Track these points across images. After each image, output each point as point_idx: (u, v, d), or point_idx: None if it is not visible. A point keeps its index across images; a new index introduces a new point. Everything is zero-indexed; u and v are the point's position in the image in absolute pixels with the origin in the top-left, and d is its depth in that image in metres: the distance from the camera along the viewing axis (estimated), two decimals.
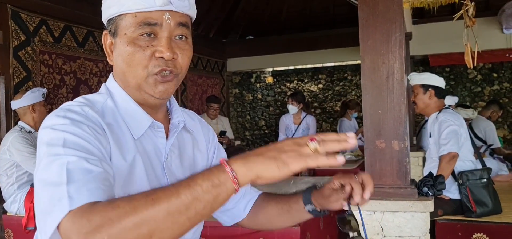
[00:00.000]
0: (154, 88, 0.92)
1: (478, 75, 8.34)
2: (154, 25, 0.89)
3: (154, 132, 0.98)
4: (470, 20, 2.94)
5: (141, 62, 0.90)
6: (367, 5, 2.45)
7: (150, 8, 0.88)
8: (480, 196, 3.09)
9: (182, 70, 0.95)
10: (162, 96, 0.94)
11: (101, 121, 0.88)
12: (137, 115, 0.95)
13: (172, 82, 0.94)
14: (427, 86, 3.32)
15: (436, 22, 6.59)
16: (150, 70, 0.90)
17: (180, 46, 0.93)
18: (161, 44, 0.90)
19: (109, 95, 0.97)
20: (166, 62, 0.91)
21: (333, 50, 7.63)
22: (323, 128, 9.27)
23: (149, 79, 0.91)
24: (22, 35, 4.18)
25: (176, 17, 0.91)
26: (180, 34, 0.93)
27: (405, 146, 2.43)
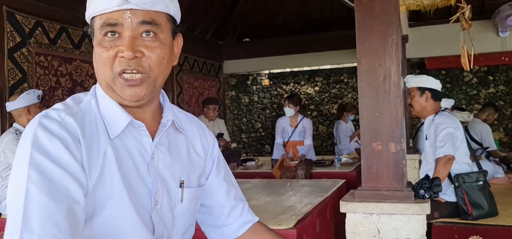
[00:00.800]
0: (122, 92, 0.91)
1: (474, 78, 8.37)
2: (115, 25, 0.88)
3: (138, 131, 0.96)
4: (467, 23, 2.95)
5: (106, 62, 0.90)
6: (364, 7, 2.45)
7: (110, 9, 0.88)
8: (476, 199, 3.10)
9: (153, 70, 0.91)
10: (133, 100, 0.92)
11: (77, 128, 0.87)
12: (116, 114, 0.94)
13: (141, 85, 0.90)
14: (423, 88, 3.33)
15: (432, 25, 6.61)
16: (115, 70, 0.90)
17: (146, 44, 0.90)
18: (123, 43, 0.88)
19: (93, 95, 0.97)
20: (128, 62, 0.88)
21: (329, 53, 7.64)
22: (319, 131, 9.28)
23: (116, 81, 0.90)
24: (18, 36, 4.16)
25: (138, 15, 0.89)
26: (146, 31, 0.90)
27: (401, 148, 2.43)
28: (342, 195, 3.22)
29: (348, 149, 6.36)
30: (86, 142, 0.87)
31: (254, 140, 9.87)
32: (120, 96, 0.92)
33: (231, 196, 1.17)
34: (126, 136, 0.95)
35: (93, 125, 0.92)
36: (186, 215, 1.05)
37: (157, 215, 0.97)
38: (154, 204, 0.96)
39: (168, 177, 1.00)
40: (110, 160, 0.90)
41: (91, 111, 0.94)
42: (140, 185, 0.94)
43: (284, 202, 3.16)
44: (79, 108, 0.92)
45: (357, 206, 2.47)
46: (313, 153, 5.34)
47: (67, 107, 0.91)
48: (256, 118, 9.85)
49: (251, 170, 5.39)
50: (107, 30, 0.89)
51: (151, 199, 0.96)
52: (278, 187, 3.95)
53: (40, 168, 0.80)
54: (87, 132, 0.89)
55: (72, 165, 0.83)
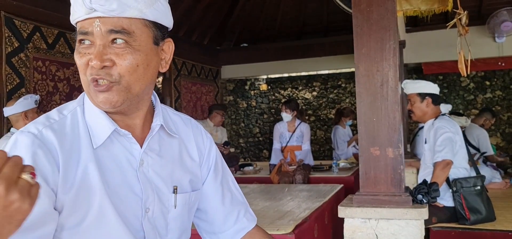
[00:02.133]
0: (95, 98, 0.90)
1: (471, 83, 8.41)
2: (86, 34, 0.89)
3: (125, 138, 0.95)
4: (463, 29, 2.96)
5: (81, 69, 0.90)
6: (361, 13, 2.47)
7: (81, 17, 0.89)
8: (474, 204, 3.10)
9: (124, 77, 0.89)
10: (105, 106, 0.90)
11: (55, 141, 0.87)
12: (100, 121, 0.93)
13: (111, 91, 0.89)
14: (424, 94, 3.34)
15: (429, 30, 6.64)
16: (87, 77, 0.90)
17: (117, 52, 0.88)
18: (93, 52, 0.88)
19: (80, 103, 0.97)
20: (97, 71, 0.87)
21: (327, 58, 7.65)
22: (317, 136, 9.29)
23: (90, 88, 0.90)
24: (16, 41, 4.16)
25: (107, 23, 0.87)
26: (117, 38, 0.88)
27: (399, 153, 2.44)
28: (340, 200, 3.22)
29: (346, 154, 6.37)
30: (64, 154, 0.87)
31: (252, 145, 9.86)
32: (94, 102, 0.92)
33: (226, 202, 1.15)
34: (113, 144, 0.94)
35: (75, 134, 0.91)
36: (180, 220, 1.04)
37: (149, 223, 0.96)
38: (145, 211, 0.95)
39: (160, 183, 0.99)
40: (92, 170, 0.89)
41: (75, 119, 0.93)
42: (129, 193, 0.93)
43: (282, 207, 3.16)
44: (62, 116, 0.92)
45: (355, 211, 2.47)
46: (311, 157, 5.34)
47: (48, 118, 0.91)
48: (254, 123, 9.85)
49: (249, 175, 5.39)
50: (80, 38, 0.90)
51: (141, 206, 0.95)
52: (276, 192, 3.95)
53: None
54: (67, 143, 0.89)
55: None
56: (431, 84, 3.38)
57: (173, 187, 1.02)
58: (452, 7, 3.05)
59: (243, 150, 9.87)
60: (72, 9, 0.91)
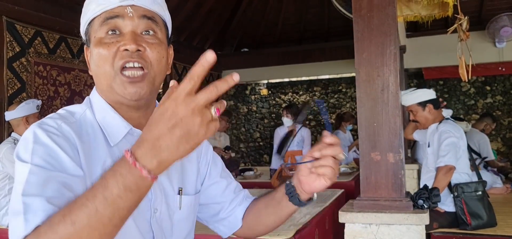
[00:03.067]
0: (123, 90, 0.90)
1: (471, 88, 8.41)
2: (116, 17, 0.89)
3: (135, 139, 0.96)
4: (464, 34, 2.97)
5: (107, 59, 0.89)
6: (362, 18, 2.47)
7: (111, 5, 0.89)
8: (475, 209, 3.10)
9: (153, 66, 0.91)
10: (133, 98, 0.91)
11: (74, 136, 0.87)
12: (115, 123, 0.94)
13: (142, 82, 0.90)
14: (424, 102, 3.35)
15: (429, 35, 6.66)
16: (116, 66, 0.89)
17: (147, 41, 0.91)
18: (125, 39, 0.89)
19: (88, 106, 0.97)
20: (131, 55, 0.89)
21: (327, 63, 7.66)
22: (318, 140, 9.27)
23: (117, 79, 0.90)
24: (17, 46, 4.17)
25: (139, 10, 0.91)
26: (146, 29, 0.91)
27: (400, 158, 2.44)
28: (340, 205, 3.21)
29: (347, 158, 6.36)
30: (84, 148, 0.87)
31: (252, 150, 9.86)
32: (121, 95, 0.91)
33: (230, 189, 1.18)
34: (124, 144, 0.94)
35: (91, 135, 0.91)
36: (184, 222, 1.05)
37: (156, 223, 0.97)
38: (153, 211, 0.96)
39: (166, 184, 1.00)
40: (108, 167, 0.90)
41: (86, 121, 0.93)
42: None
43: None
44: (74, 119, 0.92)
45: (356, 216, 2.47)
46: None
47: (62, 117, 0.91)
48: (255, 128, 9.85)
49: (249, 180, 5.38)
50: (109, 27, 0.90)
51: (150, 206, 0.95)
52: None
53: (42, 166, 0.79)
54: (85, 140, 0.89)
55: (71, 166, 0.82)
56: (428, 90, 3.40)
57: (178, 188, 1.03)
58: (452, 13, 3.06)
59: (244, 154, 9.86)
60: (96, 2, 0.91)
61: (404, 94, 3.44)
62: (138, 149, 0.68)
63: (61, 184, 0.77)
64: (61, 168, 0.80)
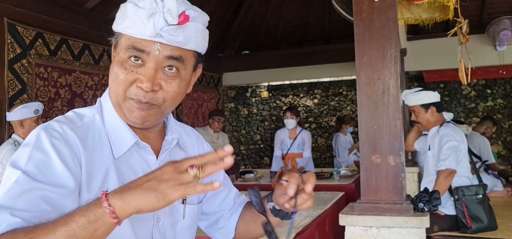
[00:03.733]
0: (130, 114, 0.91)
1: (472, 92, 8.41)
2: (142, 51, 0.88)
3: (144, 150, 0.97)
4: (464, 37, 2.97)
5: (122, 84, 0.90)
6: (363, 21, 2.48)
7: (140, 35, 0.88)
8: (476, 212, 3.09)
9: (165, 102, 0.92)
10: (138, 122, 0.92)
11: (78, 142, 0.87)
12: (122, 133, 0.94)
13: (150, 110, 0.91)
14: (428, 104, 3.34)
15: (430, 38, 6.66)
16: (128, 95, 0.90)
17: (167, 78, 0.91)
18: (143, 73, 0.88)
19: (98, 110, 0.97)
20: (144, 94, 0.89)
21: (328, 66, 7.67)
22: (318, 143, 9.28)
23: (126, 103, 0.91)
24: (18, 48, 4.17)
25: (167, 50, 0.89)
26: (170, 66, 0.90)
27: (400, 161, 2.44)
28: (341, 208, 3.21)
29: (347, 161, 6.36)
30: (87, 155, 0.87)
31: (253, 152, 9.86)
32: (126, 116, 0.93)
33: (230, 197, 1.20)
34: (130, 154, 0.95)
35: (97, 140, 0.92)
36: (187, 231, 1.06)
37: (159, 232, 0.98)
38: (156, 221, 0.97)
39: None
40: (112, 177, 0.90)
41: (94, 126, 0.93)
42: None
43: None
44: (82, 123, 0.92)
45: (356, 219, 2.47)
46: (312, 165, 5.34)
47: (70, 120, 0.91)
48: (255, 130, 9.85)
49: (250, 182, 5.38)
50: (132, 54, 0.89)
51: (154, 215, 0.96)
52: None
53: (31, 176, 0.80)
54: (89, 147, 0.89)
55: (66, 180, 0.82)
56: (432, 93, 3.38)
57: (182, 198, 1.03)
58: (453, 16, 3.06)
59: (244, 157, 9.86)
60: (130, 22, 0.89)
61: (409, 94, 3.43)
62: (114, 192, 0.74)
63: (40, 198, 0.78)
64: (50, 179, 0.81)
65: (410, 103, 3.41)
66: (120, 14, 0.92)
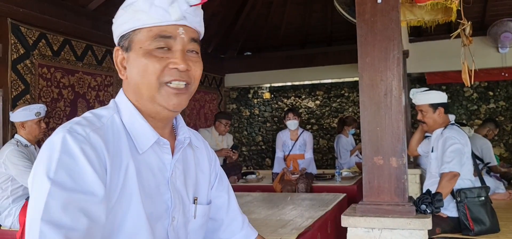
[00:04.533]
0: (168, 101, 0.93)
1: (474, 94, 8.40)
2: (169, 38, 0.93)
3: (160, 148, 0.98)
4: (467, 39, 2.97)
5: (155, 73, 0.92)
6: (366, 23, 2.48)
7: (165, 22, 0.92)
8: (478, 214, 3.09)
9: (195, 82, 0.98)
10: (175, 109, 0.95)
11: (103, 146, 0.87)
12: (144, 130, 0.95)
13: (185, 94, 0.95)
14: (436, 104, 3.33)
15: (432, 40, 6.65)
16: (162, 80, 0.92)
17: (192, 59, 0.96)
18: (175, 57, 0.93)
19: (116, 110, 0.97)
20: (180, 74, 0.93)
21: (330, 67, 7.67)
22: (320, 145, 9.28)
23: (162, 90, 0.93)
24: (21, 48, 4.19)
25: (190, 32, 0.95)
26: (192, 49, 0.97)
27: (403, 162, 2.44)
28: (342, 209, 3.21)
29: (349, 163, 6.35)
30: (110, 158, 0.87)
31: (254, 153, 9.86)
32: (163, 106, 0.94)
33: (231, 208, 1.19)
34: (148, 152, 0.96)
35: (116, 140, 0.92)
36: (198, 232, 1.07)
37: (173, 231, 0.99)
38: (171, 219, 0.98)
39: (183, 193, 1.02)
40: (131, 176, 0.90)
41: (114, 126, 0.94)
42: (160, 201, 0.96)
43: (285, 216, 3.16)
44: (102, 123, 0.92)
45: (358, 221, 2.47)
46: (314, 166, 5.33)
47: (90, 122, 0.90)
48: (257, 131, 9.86)
49: (251, 183, 5.38)
50: (161, 44, 0.93)
51: (169, 214, 0.97)
52: (278, 200, 3.94)
53: (63, 185, 0.79)
54: (111, 147, 0.89)
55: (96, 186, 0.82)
56: (441, 93, 3.37)
57: (193, 198, 1.06)
58: (456, 18, 3.06)
59: (246, 158, 9.87)
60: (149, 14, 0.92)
61: (417, 93, 3.42)
62: None
63: (79, 210, 0.79)
64: (83, 187, 0.81)
65: (418, 102, 3.39)
66: (128, 14, 0.95)
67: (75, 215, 0.78)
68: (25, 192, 3.50)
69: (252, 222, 1.25)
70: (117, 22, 0.99)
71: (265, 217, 3.17)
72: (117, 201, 0.87)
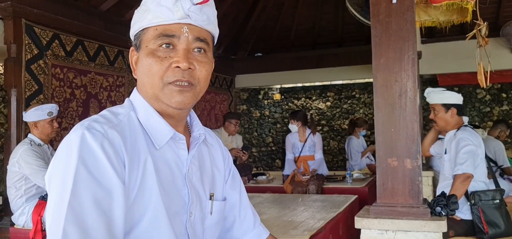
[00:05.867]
0: (170, 98, 0.94)
1: (487, 96, 8.30)
2: (172, 36, 0.93)
3: (176, 144, 0.99)
4: (483, 40, 2.94)
5: (158, 72, 0.93)
6: (380, 23, 2.46)
7: (169, 21, 0.93)
8: (493, 217, 3.05)
9: (200, 82, 0.97)
10: (178, 107, 0.95)
11: (121, 143, 0.88)
12: (160, 126, 0.96)
13: (189, 92, 0.95)
14: (449, 105, 3.30)
15: (445, 41, 6.60)
16: (165, 80, 0.93)
17: (197, 59, 0.96)
18: (178, 55, 0.93)
19: (131, 108, 0.98)
20: (182, 73, 0.93)
21: (341, 68, 7.64)
22: (330, 146, 9.25)
23: (165, 89, 0.93)
24: (35, 48, 4.23)
25: (195, 31, 0.95)
26: (198, 47, 0.96)
27: (417, 164, 2.42)
28: (354, 211, 3.19)
29: (360, 164, 6.32)
30: (128, 154, 0.88)
31: (264, 154, 9.85)
32: (166, 104, 0.95)
33: (243, 207, 1.20)
34: (165, 148, 0.97)
35: (133, 136, 0.93)
36: (214, 228, 1.08)
37: (191, 227, 0.99)
38: (189, 215, 0.98)
39: (200, 189, 1.03)
40: (150, 171, 0.91)
41: (131, 123, 0.95)
42: (177, 196, 0.96)
43: (296, 217, 3.15)
44: (119, 120, 0.93)
45: (372, 222, 2.45)
46: (324, 166, 5.31)
47: (108, 120, 0.91)
48: (267, 132, 9.84)
49: (262, 185, 5.38)
50: (163, 42, 0.94)
51: (187, 210, 0.98)
52: (289, 202, 3.93)
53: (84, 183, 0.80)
54: (128, 143, 0.90)
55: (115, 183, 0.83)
56: (456, 94, 3.34)
57: (210, 194, 1.06)
58: (471, 18, 3.03)
59: (256, 159, 9.86)
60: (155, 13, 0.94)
61: (432, 92, 3.39)
62: None
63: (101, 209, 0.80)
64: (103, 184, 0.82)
65: (432, 101, 3.36)
66: (138, 16, 0.97)
67: (98, 214, 0.79)
68: (39, 191, 3.53)
69: (263, 223, 1.25)
70: (132, 23, 1.01)
71: (276, 218, 3.16)
72: (137, 196, 0.88)
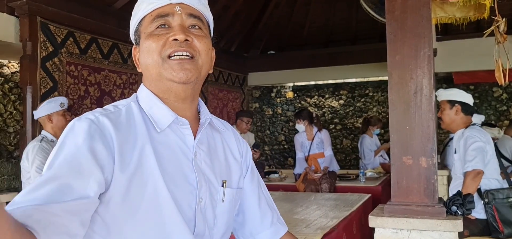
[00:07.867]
0: (172, 72, 0.96)
1: (503, 94, 8.17)
2: (167, 16, 0.98)
3: (181, 129, 1.00)
4: (501, 36, 2.88)
5: (156, 48, 0.96)
6: (396, 20, 2.43)
7: (161, 3, 0.98)
8: (508, 216, 3.01)
9: (201, 54, 0.99)
10: (181, 80, 0.96)
11: (111, 128, 0.90)
12: (162, 112, 0.98)
13: (190, 64, 0.97)
14: (453, 101, 3.28)
15: (460, 39, 6.50)
16: (164, 54, 0.96)
17: (194, 33, 0.99)
18: (174, 30, 0.97)
19: (134, 99, 1.02)
20: (180, 44, 0.96)
21: (354, 66, 7.58)
22: (343, 144, 9.19)
23: (165, 64, 0.96)
24: (50, 46, 4.27)
25: (187, 9, 1.00)
26: (193, 24, 1.00)
27: (433, 163, 2.38)
28: (368, 210, 3.16)
29: (373, 163, 6.27)
30: (119, 137, 0.90)
31: (277, 153, 9.83)
32: (170, 79, 0.96)
33: (262, 203, 1.19)
34: (169, 133, 0.98)
35: (131, 123, 0.95)
36: (226, 216, 1.07)
37: (200, 213, 0.99)
38: (198, 201, 0.98)
39: (210, 175, 1.03)
40: (149, 156, 0.92)
41: (129, 111, 0.98)
42: (184, 182, 0.96)
43: (309, 216, 3.13)
44: (117, 109, 0.97)
45: (386, 221, 2.42)
46: (335, 162, 5.28)
47: (105, 109, 0.96)
48: (280, 130, 9.82)
49: (274, 183, 5.37)
50: (159, 23, 0.98)
51: (195, 196, 0.98)
52: (302, 200, 3.92)
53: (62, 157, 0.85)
54: (122, 128, 0.92)
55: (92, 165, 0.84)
56: (464, 93, 3.33)
57: (222, 181, 1.06)
58: (489, 15, 2.98)
59: (268, 157, 9.85)
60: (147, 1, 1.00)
61: (440, 90, 3.44)
62: None
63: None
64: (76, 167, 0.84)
65: (439, 98, 3.41)
66: (134, 13, 1.04)
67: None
68: None
69: None
70: (130, 25, 1.06)
71: (288, 216, 3.15)
72: (132, 176, 0.89)
